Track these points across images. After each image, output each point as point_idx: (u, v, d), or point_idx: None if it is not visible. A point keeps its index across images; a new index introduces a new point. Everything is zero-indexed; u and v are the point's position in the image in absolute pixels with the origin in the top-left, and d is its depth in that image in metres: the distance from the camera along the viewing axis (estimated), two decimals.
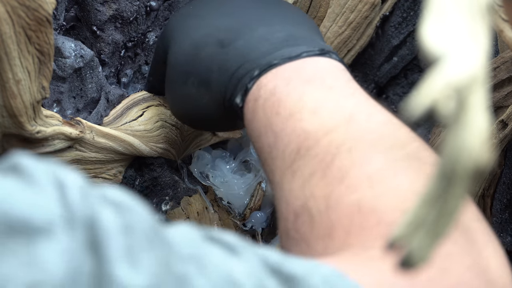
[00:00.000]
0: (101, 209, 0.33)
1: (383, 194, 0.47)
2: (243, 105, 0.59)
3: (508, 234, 0.74)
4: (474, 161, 0.30)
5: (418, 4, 0.78)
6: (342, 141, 0.51)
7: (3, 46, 0.54)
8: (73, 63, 0.66)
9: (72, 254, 0.30)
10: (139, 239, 0.33)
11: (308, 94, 0.55)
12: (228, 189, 0.79)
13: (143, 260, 0.32)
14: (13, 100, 0.56)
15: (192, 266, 0.34)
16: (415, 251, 0.32)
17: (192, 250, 0.35)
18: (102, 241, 0.31)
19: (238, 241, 0.38)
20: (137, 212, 0.34)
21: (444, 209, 0.31)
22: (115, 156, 0.69)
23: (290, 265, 0.37)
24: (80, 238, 0.31)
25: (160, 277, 0.32)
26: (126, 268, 0.31)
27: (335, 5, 0.76)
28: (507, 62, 0.70)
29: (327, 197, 0.48)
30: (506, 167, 0.74)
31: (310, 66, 0.58)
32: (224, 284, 0.34)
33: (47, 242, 0.30)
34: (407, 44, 0.80)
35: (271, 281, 0.36)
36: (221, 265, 0.35)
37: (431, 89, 0.31)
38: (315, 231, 0.48)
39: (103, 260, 0.31)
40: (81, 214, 0.32)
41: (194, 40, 0.64)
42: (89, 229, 0.32)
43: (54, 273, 0.30)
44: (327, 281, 0.38)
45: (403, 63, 0.81)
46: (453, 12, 0.33)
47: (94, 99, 0.70)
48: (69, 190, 0.32)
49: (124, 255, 0.32)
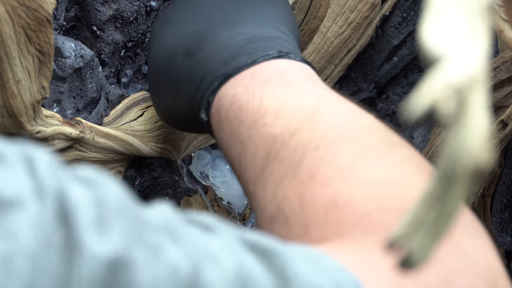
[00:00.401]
0: (71, 183, 0.33)
1: (357, 185, 0.47)
2: (208, 119, 0.59)
3: (508, 234, 0.74)
4: (474, 161, 0.30)
5: (418, 4, 0.78)
6: (309, 140, 0.50)
7: (3, 46, 0.54)
8: (73, 63, 0.66)
9: (42, 224, 0.31)
10: (110, 210, 0.33)
11: (267, 96, 0.54)
12: (228, 189, 0.79)
13: (113, 229, 0.32)
14: (13, 100, 0.56)
15: (165, 236, 0.34)
16: (415, 251, 0.32)
17: (166, 224, 0.34)
18: (72, 211, 0.32)
19: (216, 221, 0.38)
20: (109, 187, 0.34)
21: (444, 209, 0.31)
22: (115, 156, 0.69)
23: (269, 242, 0.37)
24: (50, 209, 0.31)
25: (130, 246, 0.32)
26: (96, 235, 0.31)
27: (335, 5, 0.76)
28: (507, 62, 0.70)
29: (300, 196, 0.48)
30: (506, 167, 0.74)
31: (267, 69, 0.57)
32: (199, 254, 0.34)
33: (17, 214, 0.30)
34: (407, 44, 0.80)
35: (248, 255, 0.36)
36: (196, 238, 0.35)
37: (431, 89, 0.31)
38: (291, 231, 0.47)
39: (72, 229, 0.31)
40: (51, 187, 0.32)
41: (165, 50, 0.65)
42: (59, 201, 0.32)
43: (25, 244, 0.30)
44: (308, 258, 0.37)
45: (403, 63, 0.81)
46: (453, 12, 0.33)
47: (94, 99, 0.70)
48: (38, 165, 0.33)
49: (94, 224, 0.32)
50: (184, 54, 0.63)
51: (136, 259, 0.32)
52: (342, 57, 0.79)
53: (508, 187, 0.74)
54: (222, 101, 0.57)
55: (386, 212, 0.44)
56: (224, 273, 0.34)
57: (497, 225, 0.75)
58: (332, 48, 0.77)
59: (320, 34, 0.77)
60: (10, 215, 0.30)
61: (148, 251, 0.32)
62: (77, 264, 0.31)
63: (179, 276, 0.32)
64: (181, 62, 0.63)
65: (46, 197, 0.32)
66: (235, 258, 0.35)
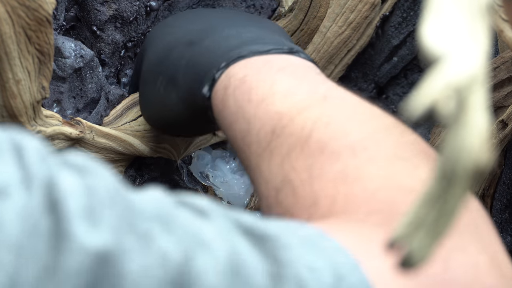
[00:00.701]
0: (60, 170, 0.33)
1: (366, 162, 0.46)
2: (210, 95, 0.59)
3: (508, 234, 0.74)
4: (474, 161, 0.30)
5: (418, 4, 0.78)
6: (318, 117, 0.50)
7: (3, 46, 0.54)
8: (73, 63, 0.66)
9: (28, 213, 0.30)
10: (100, 199, 0.32)
11: (279, 81, 0.55)
12: (228, 189, 0.79)
13: (103, 218, 0.32)
14: (13, 100, 0.56)
15: (156, 225, 0.33)
16: (415, 251, 0.32)
17: (157, 211, 0.34)
18: (60, 200, 0.31)
19: (210, 204, 0.37)
20: (99, 174, 0.34)
21: (444, 209, 0.31)
22: (115, 156, 0.69)
23: (264, 226, 0.37)
24: (37, 197, 0.31)
25: (121, 235, 0.32)
26: (85, 226, 0.31)
27: (335, 5, 0.76)
28: (507, 62, 0.70)
29: (309, 168, 0.48)
30: (506, 167, 0.74)
31: (280, 60, 0.58)
32: (190, 242, 0.33)
33: (2, 203, 0.30)
34: (407, 44, 0.80)
35: (241, 240, 0.35)
36: (188, 224, 0.34)
37: (431, 89, 0.31)
38: (300, 201, 0.47)
39: (61, 218, 0.31)
40: (40, 176, 0.32)
41: (167, 42, 0.65)
42: (47, 189, 0.31)
43: (10, 233, 0.30)
44: (305, 239, 0.37)
45: (403, 63, 0.81)
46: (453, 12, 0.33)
47: (94, 99, 0.70)
48: (27, 152, 0.32)
49: (84, 213, 0.31)
50: (186, 43, 0.63)
51: (126, 250, 0.31)
52: (342, 57, 0.79)
53: (508, 187, 0.74)
54: (231, 80, 0.57)
55: (394, 191, 0.44)
56: (216, 260, 0.33)
57: (497, 225, 0.75)
58: (332, 48, 0.77)
59: (320, 34, 0.77)
60: None
61: (138, 240, 0.32)
62: (64, 254, 0.30)
63: (169, 265, 0.32)
64: (182, 50, 0.63)
65: (33, 185, 0.31)
66: (228, 244, 0.35)
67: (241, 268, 0.34)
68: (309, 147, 0.49)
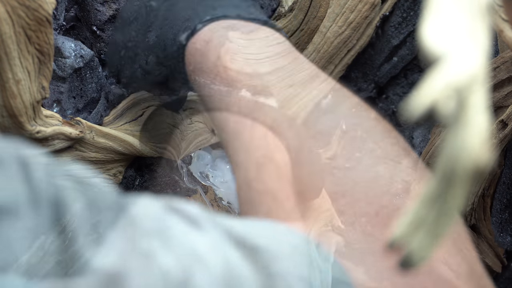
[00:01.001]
0: (65, 187, 0.33)
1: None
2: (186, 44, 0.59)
3: (508, 234, 0.74)
4: (474, 161, 0.30)
5: (418, 4, 0.78)
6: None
7: (3, 46, 0.54)
8: (73, 63, 0.66)
9: (37, 233, 0.31)
10: (103, 215, 0.33)
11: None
12: (228, 189, 0.79)
13: (109, 238, 0.32)
14: (13, 100, 0.56)
15: (156, 241, 0.34)
16: (415, 251, 0.32)
17: (155, 223, 0.35)
18: (68, 218, 0.32)
19: (200, 212, 0.38)
20: (100, 188, 0.34)
21: (444, 209, 0.31)
22: (115, 156, 0.69)
23: (255, 236, 0.37)
24: (45, 217, 0.31)
25: (126, 255, 0.32)
26: (93, 246, 0.32)
27: (335, 5, 0.76)
28: (507, 62, 0.70)
29: (298, 151, 0.48)
30: (506, 167, 0.74)
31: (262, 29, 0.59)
32: (189, 259, 0.34)
33: (12, 223, 0.30)
34: (407, 44, 0.80)
35: (233, 253, 0.36)
36: (185, 239, 0.35)
37: (431, 89, 0.31)
38: (284, 183, 0.47)
39: (69, 238, 0.31)
40: (46, 193, 0.32)
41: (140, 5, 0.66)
42: (54, 208, 0.32)
43: (19, 253, 0.30)
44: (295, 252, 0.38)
45: (403, 63, 0.81)
46: (453, 12, 0.33)
47: (94, 99, 0.70)
48: (33, 170, 0.33)
49: (90, 233, 0.32)
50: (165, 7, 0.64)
51: (130, 270, 0.32)
52: (342, 57, 0.79)
53: (508, 187, 0.74)
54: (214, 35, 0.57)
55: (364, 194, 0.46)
56: (212, 276, 0.34)
57: (497, 225, 0.75)
58: (332, 48, 0.77)
59: (320, 34, 0.77)
60: (4, 224, 0.30)
61: (141, 258, 0.33)
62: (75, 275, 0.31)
63: (171, 283, 0.33)
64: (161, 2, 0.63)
65: (41, 205, 0.32)
66: (222, 257, 0.35)
67: (236, 282, 0.35)
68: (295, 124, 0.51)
